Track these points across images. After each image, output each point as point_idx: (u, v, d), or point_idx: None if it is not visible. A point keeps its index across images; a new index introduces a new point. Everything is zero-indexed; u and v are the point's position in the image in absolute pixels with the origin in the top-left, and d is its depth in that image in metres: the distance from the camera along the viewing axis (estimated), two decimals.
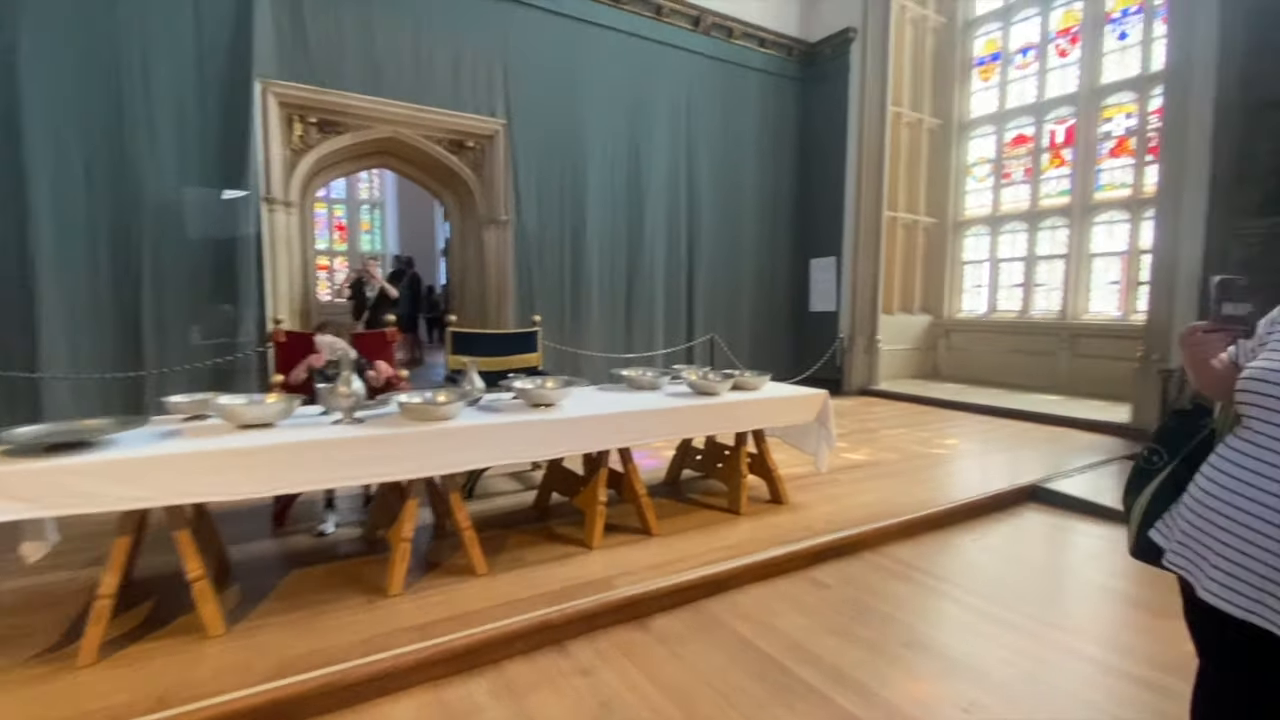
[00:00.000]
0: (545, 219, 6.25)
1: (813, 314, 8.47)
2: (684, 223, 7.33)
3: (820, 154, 8.25)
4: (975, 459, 4.76)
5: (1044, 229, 8.28)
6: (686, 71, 7.13)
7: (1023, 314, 8.48)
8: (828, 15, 8.00)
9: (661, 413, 2.90)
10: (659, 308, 7.18)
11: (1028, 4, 8.29)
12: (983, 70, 8.86)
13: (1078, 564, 3.12)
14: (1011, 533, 3.44)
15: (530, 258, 6.20)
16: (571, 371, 6.38)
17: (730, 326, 7.76)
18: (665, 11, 6.83)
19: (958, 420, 6.22)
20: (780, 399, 3.31)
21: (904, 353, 8.66)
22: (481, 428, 2.46)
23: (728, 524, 3.16)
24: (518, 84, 5.97)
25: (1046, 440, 5.33)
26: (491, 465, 2.55)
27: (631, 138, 6.78)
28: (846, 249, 8.07)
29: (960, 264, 9.13)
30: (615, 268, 6.80)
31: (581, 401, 2.90)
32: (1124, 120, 7.52)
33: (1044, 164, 8.26)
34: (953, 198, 9.02)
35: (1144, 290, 7.35)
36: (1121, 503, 1.43)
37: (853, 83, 7.87)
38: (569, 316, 6.47)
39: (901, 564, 2.94)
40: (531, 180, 6.13)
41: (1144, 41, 7.24)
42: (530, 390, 2.79)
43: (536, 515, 3.27)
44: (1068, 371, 7.72)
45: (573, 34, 6.27)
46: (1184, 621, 1.25)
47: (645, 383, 3.35)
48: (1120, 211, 7.57)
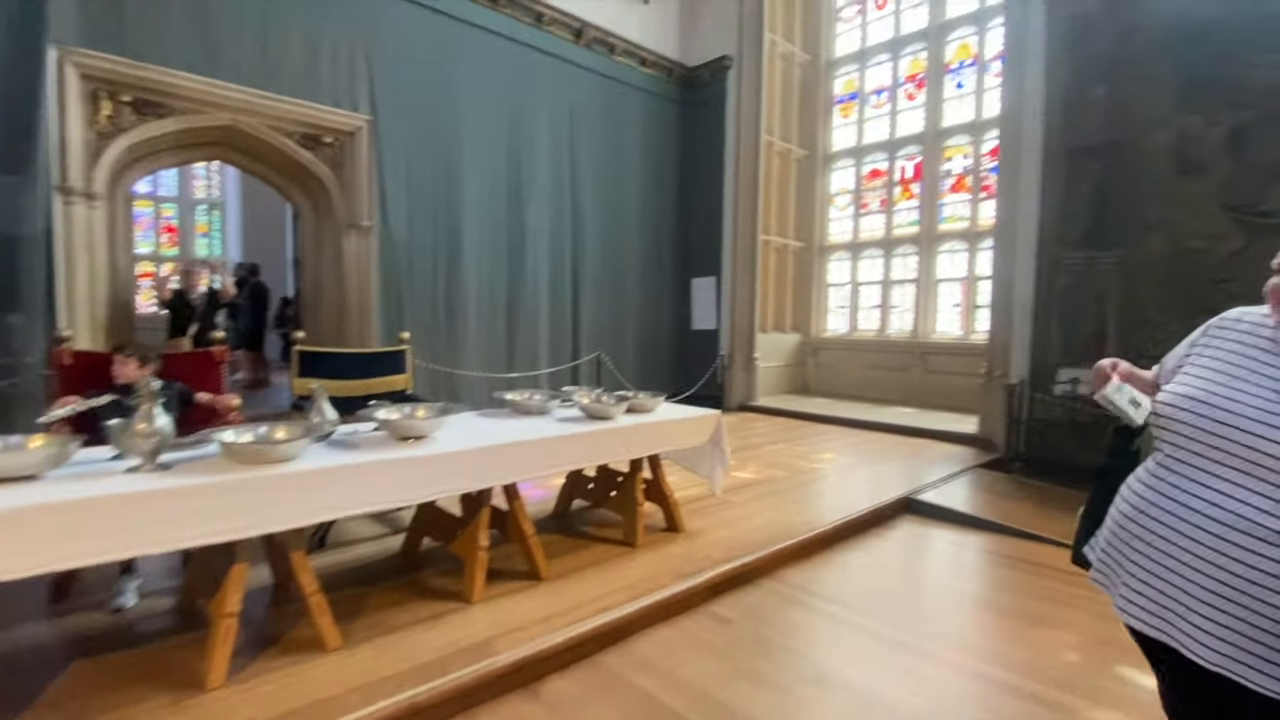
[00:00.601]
0: (416, 226, 5.73)
1: (694, 332, 8.57)
2: (568, 236, 7.10)
3: (700, 176, 8.41)
4: (852, 472, 4.93)
5: (897, 256, 9.02)
6: (569, 83, 6.95)
7: (880, 333, 9.16)
8: (705, 42, 8.22)
9: (553, 441, 2.62)
10: (543, 324, 6.86)
11: (880, 50, 9.07)
12: (843, 107, 9.56)
13: (956, 576, 3.25)
14: (894, 547, 3.53)
15: (398, 267, 5.63)
16: (447, 395, 5.86)
17: (616, 345, 7.61)
18: (546, 20, 6.62)
19: (830, 434, 6.50)
20: (676, 421, 3.16)
21: (778, 369, 9.01)
22: (333, 470, 2.03)
23: (624, 559, 2.93)
24: (385, 78, 5.44)
25: (910, 451, 5.68)
26: (346, 515, 2.13)
27: (512, 146, 6.45)
28: (726, 269, 8.26)
29: (825, 286, 9.71)
30: (495, 281, 6.40)
31: (460, 432, 2.54)
32: (962, 160, 8.41)
33: (896, 196, 9.03)
34: (818, 224, 9.61)
35: (981, 312, 8.24)
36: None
37: (729, 109, 8.12)
38: (443, 333, 5.96)
39: (799, 589, 2.87)
40: (401, 183, 5.60)
41: (977, 91, 8.16)
42: (397, 421, 2.39)
43: (405, 565, 2.83)
44: (921, 386, 8.42)
45: (448, 32, 5.86)
46: (1064, 630, 1.33)
47: (533, 407, 3.06)
48: (960, 241, 8.43)
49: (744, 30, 7.98)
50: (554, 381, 6.89)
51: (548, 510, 3.57)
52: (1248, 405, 1.04)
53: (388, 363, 3.76)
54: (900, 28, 8.85)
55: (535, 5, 6.46)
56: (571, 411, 3.11)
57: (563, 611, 2.37)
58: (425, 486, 2.22)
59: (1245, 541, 1.00)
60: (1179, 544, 1.07)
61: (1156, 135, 4.86)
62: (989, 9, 7.95)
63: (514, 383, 6.39)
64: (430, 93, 5.76)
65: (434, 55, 5.77)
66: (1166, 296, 4.83)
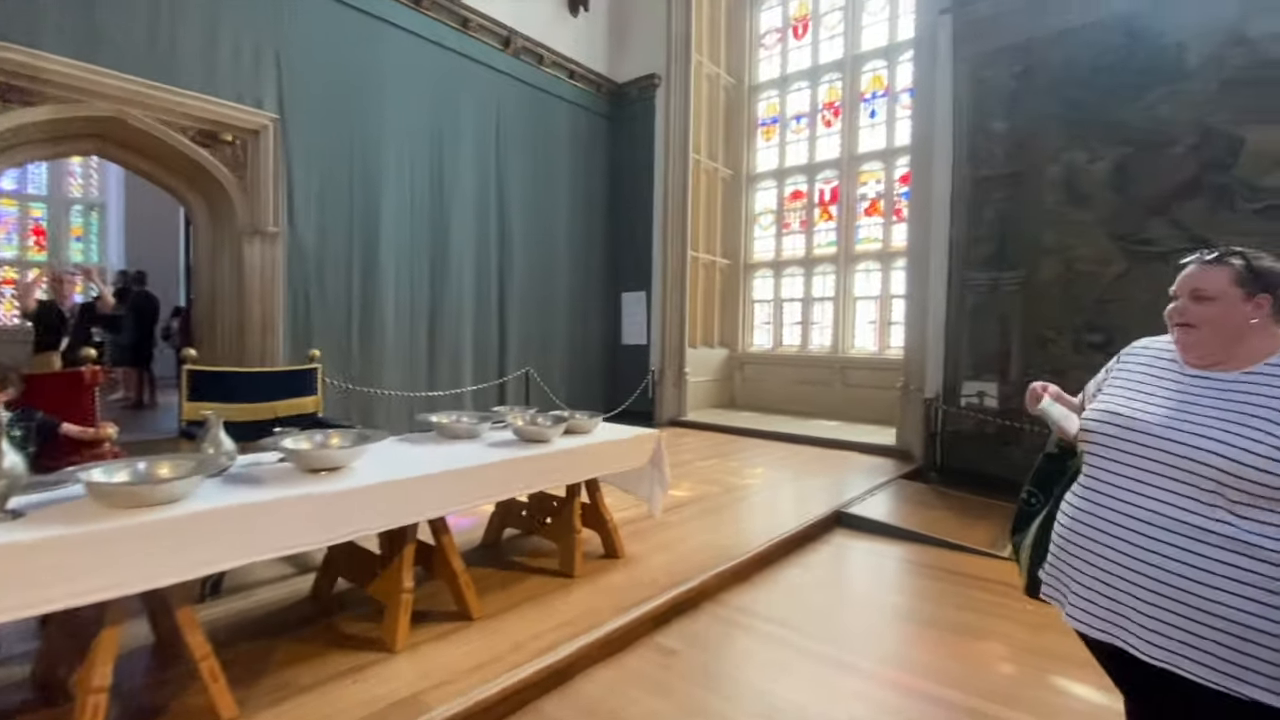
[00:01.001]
0: (329, 233, 5.33)
1: (625, 347, 8.50)
2: (495, 247, 6.85)
3: (629, 190, 8.40)
4: (783, 487, 4.98)
5: (817, 274, 9.37)
6: (496, 91, 6.75)
7: (803, 348, 9.46)
8: (634, 59, 8.26)
9: (485, 469, 2.42)
10: (467, 339, 6.56)
11: (800, 78, 9.46)
12: (765, 130, 9.88)
13: (890, 590, 3.30)
14: (829, 562, 3.56)
15: (307, 278, 5.21)
16: (362, 417, 5.47)
17: (545, 360, 7.40)
18: (472, 25, 6.41)
19: (759, 448, 6.58)
20: (615, 442, 3.04)
21: (707, 384, 9.09)
22: (229, 512, 1.76)
23: (561, 591, 2.77)
24: (295, 74, 5.05)
25: (835, 464, 5.84)
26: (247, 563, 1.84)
27: (436, 152, 6.16)
28: (656, 284, 8.26)
29: (751, 302, 9.94)
30: (417, 293, 6.06)
31: (380, 461, 2.31)
32: (875, 185, 8.87)
33: (816, 217, 9.39)
34: (743, 242, 9.84)
35: (895, 329, 8.67)
36: (1010, 541, 1.59)
37: (658, 126, 8.18)
38: (358, 349, 5.56)
39: (742, 612, 2.82)
40: (312, 187, 5.20)
41: (889, 120, 8.64)
42: (307, 451, 2.13)
43: (316, 611, 2.54)
44: (841, 399, 8.73)
45: (366, 30, 5.54)
46: (995, 641, 1.49)
47: (461, 431, 2.85)
48: (875, 262, 8.86)
49: (672, 50, 8.08)
50: (479, 400, 6.60)
51: (476, 540, 3.34)
52: (1155, 415, 1.17)
53: (295, 383, 3.42)
54: (818, 58, 9.26)
55: (461, 10, 6.25)
56: (504, 434, 2.93)
57: (498, 656, 2.18)
58: (341, 526, 1.97)
59: (1173, 539, 1.09)
60: (1115, 549, 1.16)
61: (1050, 168, 5.28)
62: (898, 45, 8.46)
63: (436, 402, 6.06)
64: (346, 92, 5.41)
65: (351, 54, 5.44)
66: (1061, 315, 5.22)
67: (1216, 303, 1.17)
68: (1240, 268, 1.17)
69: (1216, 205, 4.64)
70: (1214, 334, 1.17)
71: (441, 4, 6.08)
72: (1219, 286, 1.17)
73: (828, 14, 9.20)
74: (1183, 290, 1.23)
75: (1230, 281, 1.17)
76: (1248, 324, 1.14)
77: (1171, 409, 1.16)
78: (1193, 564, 1.07)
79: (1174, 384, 1.21)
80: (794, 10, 9.51)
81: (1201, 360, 1.20)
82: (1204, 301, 1.18)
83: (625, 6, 8.32)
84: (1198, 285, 1.20)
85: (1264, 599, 1.02)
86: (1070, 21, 5.20)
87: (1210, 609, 1.05)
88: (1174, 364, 1.24)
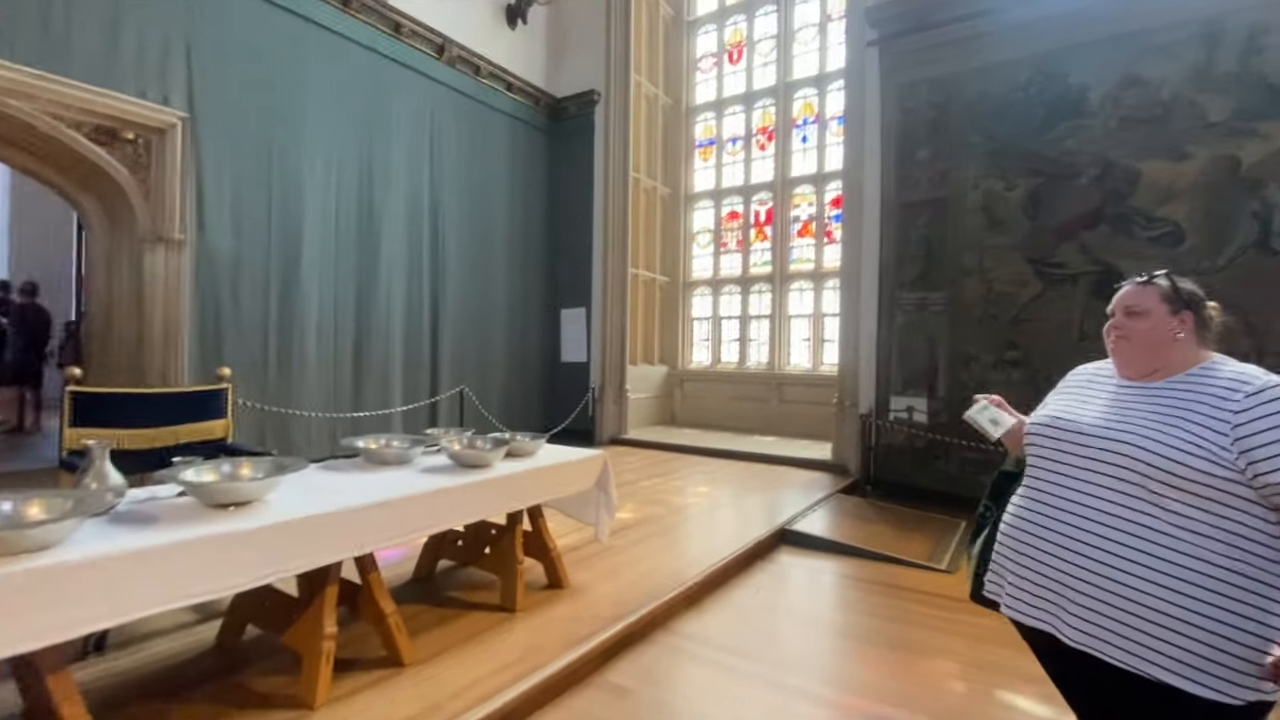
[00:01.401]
0: (245, 240, 4.93)
1: (564, 364, 8.33)
2: (428, 259, 6.55)
3: (569, 206, 8.29)
4: (728, 505, 4.96)
5: (754, 293, 9.55)
6: (431, 99, 6.52)
7: (740, 365, 9.59)
8: (573, 75, 8.22)
9: (419, 499, 2.23)
10: (397, 356, 6.22)
11: (735, 102, 9.69)
12: (703, 151, 10.05)
13: (838, 609, 3.29)
14: (777, 582, 3.53)
15: (219, 289, 4.79)
16: (278, 440, 5.06)
17: (481, 378, 7.13)
18: (405, 32, 6.18)
19: (701, 465, 6.56)
20: (561, 465, 2.89)
21: (647, 401, 9.04)
22: (112, 560, 1.50)
23: (503, 628, 2.58)
24: (209, 70, 4.68)
25: (776, 480, 5.88)
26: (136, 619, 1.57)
27: (366, 160, 5.85)
28: (596, 300, 8.16)
29: (690, 320, 10.02)
30: (342, 306, 5.70)
31: (299, 492, 2.07)
32: (808, 207, 9.16)
33: (752, 237, 9.60)
34: (682, 260, 9.92)
35: (828, 346, 8.93)
36: (967, 552, 1.65)
37: (598, 143, 8.14)
38: (275, 366, 5.15)
39: (695, 641, 2.72)
40: (225, 191, 4.80)
41: (819, 146, 8.96)
42: (211, 484, 1.89)
43: (221, 665, 2.24)
44: (778, 415, 8.88)
45: (291, 29, 5.21)
46: (945, 658, 1.70)
47: (391, 456, 2.63)
48: (808, 281, 9.12)
49: (612, 68, 8.09)
50: (410, 421, 6.26)
51: (407, 574, 3.10)
52: (1090, 418, 1.31)
53: (201, 405, 3.09)
54: (753, 83, 9.53)
55: (393, 15, 6.01)
56: (439, 460, 2.73)
57: (435, 705, 1.99)
58: (251, 570, 1.74)
59: (1099, 529, 1.21)
60: (1048, 539, 1.27)
61: (970, 195, 5.58)
62: (828, 74, 8.83)
63: (362, 424, 5.70)
64: (267, 93, 5.06)
65: (273, 52, 5.10)
66: (983, 334, 5.50)
67: (1147, 317, 1.31)
68: (1166, 288, 1.32)
69: (1117, 232, 5.02)
70: (1144, 345, 1.31)
71: (372, 7, 5.83)
72: (1148, 303, 1.32)
73: (761, 41, 9.50)
74: (1118, 308, 1.38)
75: (1158, 299, 1.32)
76: (1174, 338, 1.28)
77: (1104, 413, 1.30)
78: (1116, 553, 1.17)
79: (1109, 394, 1.35)
80: (729, 36, 9.77)
81: (1135, 372, 1.33)
82: (1135, 316, 1.33)
83: (564, 22, 8.28)
84: (1130, 303, 1.35)
85: (1176, 586, 1.12)
86: (983, 59, 5.55)
87: (1127, 594, 1.15)
88: (1110, 379, 1.39)
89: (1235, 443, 1.12)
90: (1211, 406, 1.17)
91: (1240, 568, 1.10)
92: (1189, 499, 1.14)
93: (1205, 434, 1.14)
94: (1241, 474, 1.11)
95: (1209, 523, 1.13)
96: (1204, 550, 1.12)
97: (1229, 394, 1.17)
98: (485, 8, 7.27)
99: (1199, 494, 1.13)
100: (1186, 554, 1.12)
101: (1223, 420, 1.14)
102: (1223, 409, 1.16)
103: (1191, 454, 1.13)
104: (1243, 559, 1.11)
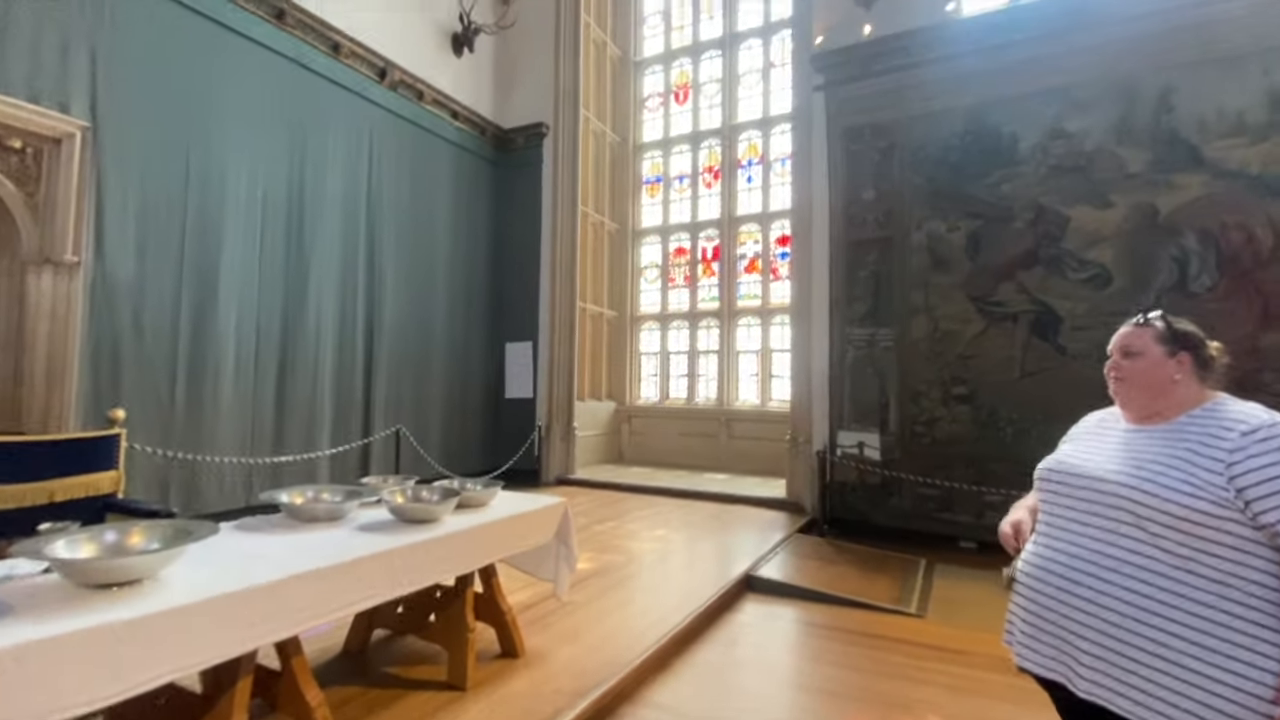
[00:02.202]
0: (151, 265, 4.41)
1: (508, 401, 7.96)
2: (363, 291, 6.12)
3: (515, 237, 8.05)
4: (687, 550, 4.72)
5: (702, 328, 9.54)
6: (370, 123, 6.20)
7: (689, 401, 9.48)
8: (521, 107, 8.09)
9: (356, 566, 1.88)
10: (326, 394, 5.71)
11: (682, 141, 9.83)
12: (650, 188, 10.10)
13: (813, 661, 3.10)
14: (747, 636, 3.30)
15: (118, 318, 4.24)
16: (184, 492, 4.49)
17: (418, 417, 6.66)
18: (344, 52, 5.88)
19: (654, 506, 6.31)
20: (518, 517, 2.58)
21: (594, 438, 8.75)
22: None
23: (451, 710, 2.22)
24: (118, 78, 4.22)
25: (733, 521, 5.70)
26: None
27: (297, 182, 5.44)
28: (543, 334, 7.88)
29: (638, 354, 9.87)
30: (265, 337, 5.18)
31: (205, 562, 1.70)
32: (754, 245, 9.29)
33: (699, 273, 9.63)
34: (630, 295, 9.82)
35: (776, 382, 8.97)
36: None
37: (546, 175, 7.99)
38: (183, 406, 4.59)
39: (666, 713, 2.44)
40: (131, 209, 4.29)
41: (764, 187, 9.15)
42: (87, 561, 1.51)
43: None
44: (727, 451, 8.78)
45: (215, 39, 4.83)
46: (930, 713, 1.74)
47: (321, 512, 2.26)
48: (755, 317, 9.18)
49: (560, 102, 8.02)
50: (338, 466, 5.74)
51: (336, 647, 2.68)
52: (1095, 462, 1.30)
53: (85, 454, 2.61)
54: (699, 124, 9.70)
55: (332, 34, 5.71)
56: (378, 514, 2.38)
57: None
58: (139, 672, 1.35)
59: (1104, 574, 1.18)
60: (1057, 585, 1.24)
61: (915, 234, 5.74)
62: (771, 118, 9.09)
63: (284, 470, 5.16)
64: (187, 106, 4.62)
65: (197, 63, 4.69)
66: (931, 369, 5.59)
67: (1142, 357, 1.30)
68: (1161, 329, 1.31)
69: (1051, 273, 5.25)
70: (1142, 386, 1.30)
71: (309, 24, 5.52)
72: (1143, 344, 1.31)
73: (706, 84, 9.72)
74: (1115, 348, 1.37)
75: (1153, 339, 1.30)
76: (1171, 380, 1.27)
77: (1108, 457, 1.29)
78: (1120, 597, 1.15)
79: (1116, 438, 1.33)
80: (675, 78, 9.96)
81: (1136, 414, 1.32)
82: (1131, 357, 1.32)
83: (511, 54, 8.18)
84: (1126, 343, 1.34)
85: (1179, 632, 1.09)
86: (922, 108, 5.79)
87: (1131, 640, 1.12)
88: (1117, 424, 1.38)
89: (1230, 482, 1.11)
90: (1208, 446, 1.16)
91: (1244, 611, 1.07)
92: (1189, 540, 1.12)
93: (1202, 474, 1.13)
94: (1242, 513, 1.09)
95: (1213, 565, 1.10)
96: (1207, 594, 1.09)
97: (1225, 433, 1.16)
98: (430, 34, 7.08)
99: (1199, 534, 1.11)
100: (1189, 598, 1.10)
101: (1218, 460, 1.13)
102: (1218, 448, 1.15)
103: (1188, 494, 1.12)
104: (1247, 602, 1.08)
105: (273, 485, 5.10)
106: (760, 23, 9.21)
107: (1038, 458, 1.45)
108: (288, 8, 5.30)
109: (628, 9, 9.88)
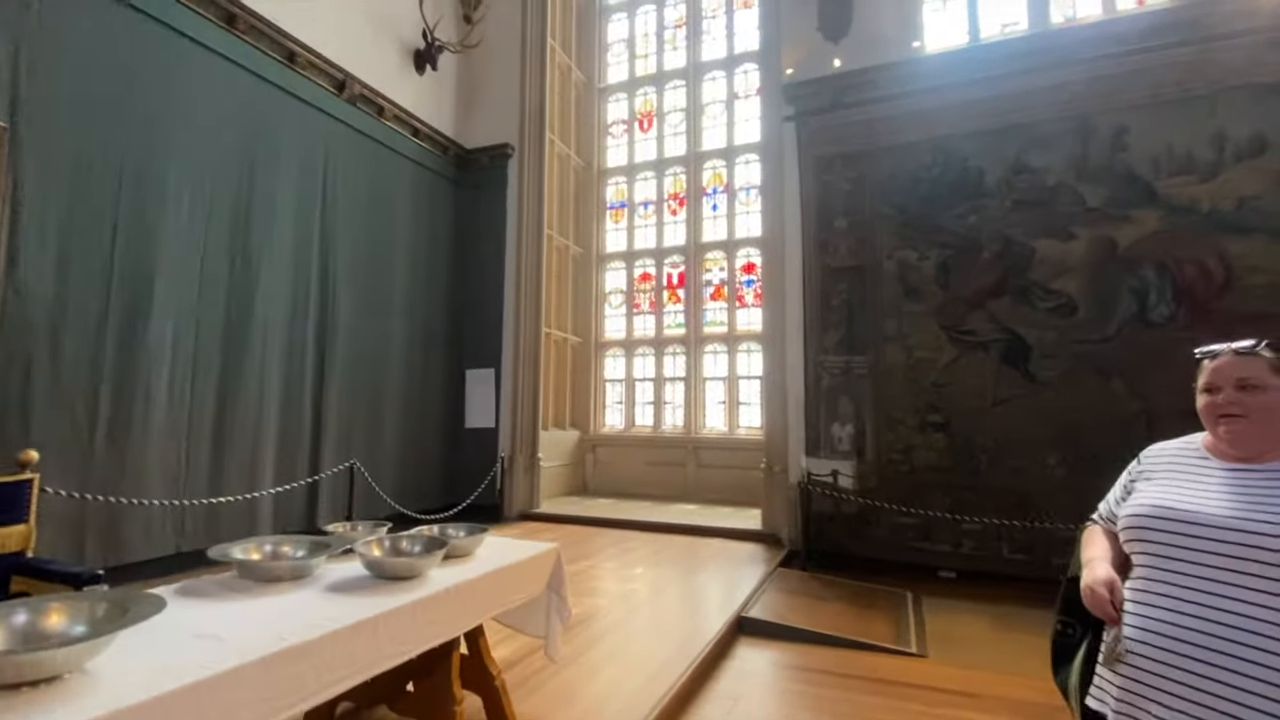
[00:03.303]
0: (75, 280, 3.90)
1: (469, 431, 7.54)
2: (314, 310, 5.67)
3: (478, 261, 7.74)
4: (671, 590, 4.46)
5: (668, 355, 9.39)
6: (326, 137, 5.84)
7: (656, 429, 9.27)
8: (485, 127, 7.86)
9: (333, 640, 1.55)
10: (271, 425, 5.21)
11: (646, 168, 9.79)
12: (614, 213, 9.99)
13: (823, 716, 2.89)
14: (748, 688, 3.07)
15: (31, 342, 3.71)
16: (105, 540, 3.95)
17: (372, 450, 6.19)
18: (301, 62, 5.55)
19: (627, 541, 6.02)
20: (510, 568, 2.29)
21: (558, 469, 8.42)
22: None
23: None
24: (42, 75, 3.77)
25: (712, 555, 5.49)
26: None
27: (244, 196, 5.02)
28: (506, 360, 7.55)
29: (603, 381, 9.62)
30: (203, 363, 4.68)
31: (144, 650, 1.36)
32: (719, 272, 9.26)
33: (665, 300, 9.52)
34: (594, 321, 9.61)
35: (744, 410, 8.88)
36: (1055, 683, 1.40)
37: (510, 198, 7.76)
38: (104, 441, 4.05)
39: None
40: (51, 219, 3.80)
41: (729, 215, 9.18)
42: None
43: None
44: (695, 480, 8.58)
45: (159, 41, 4.42)
46: None
47: (284, 571, 1.92)
48: (721, 344, 9.11)
49: (526, 124, 7.84)
50: (283, 505, 5.23)
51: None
52: (1210, 507, 1.15)
53: None
54: (663, 151, 9.70)
55: (288, 43, 5.38)
56: (350, 568, 2.05)
57: None
58: None
59: (1253, 640, 1.04)
60: (1197, 658, 1.08)
61: (887, 263, 5.78)
62: (736, 147, 9.17)
63: (221, 512, 4.64)
64: (121, 109, 4.19)
65: (135, 65, 4.28)
66: (906, 397, 5.58)
67: (1266, 391, 1.17)
68: (1273, 358, 1.19)
69: (1019, 303, 5.35)
70: (1264, 422, 1.17)
71: (263, 31, 5.17)
72: (1261, 376, 1.18)
73: (671, 113, 9.75)
74: (1225, 381, 1.21)
75: (1269, 370, 1.18)
76: None
77: (1225, 500, 1.15)
78: (1276, 651, 1.02)
79: (1217, 479, 1.20)
80: (640, 106, 9.96)
81: (1247, 451, 1.19)
82: (1252, 390, 1.18)
83: (474, 74, 7.98)
84: (1243, 375, 1.19)
85: None
86: (891, 140, 5.89)
87: None
88: (1204, 460, 1.25)
89: None
90: None
91: None
92: None
93: None
94: None
95: None
96: None
97: None
98: (392, 50, 6.81)
99: None
100: None
101: None
102: None
103: None
104: None
105: (208, 527, 4.57)
106: (724, 54, 9.34)
107: (1011, 486, 1.32)
108: (240, 13, 4.95)
109: (592, 36, 9.88)
